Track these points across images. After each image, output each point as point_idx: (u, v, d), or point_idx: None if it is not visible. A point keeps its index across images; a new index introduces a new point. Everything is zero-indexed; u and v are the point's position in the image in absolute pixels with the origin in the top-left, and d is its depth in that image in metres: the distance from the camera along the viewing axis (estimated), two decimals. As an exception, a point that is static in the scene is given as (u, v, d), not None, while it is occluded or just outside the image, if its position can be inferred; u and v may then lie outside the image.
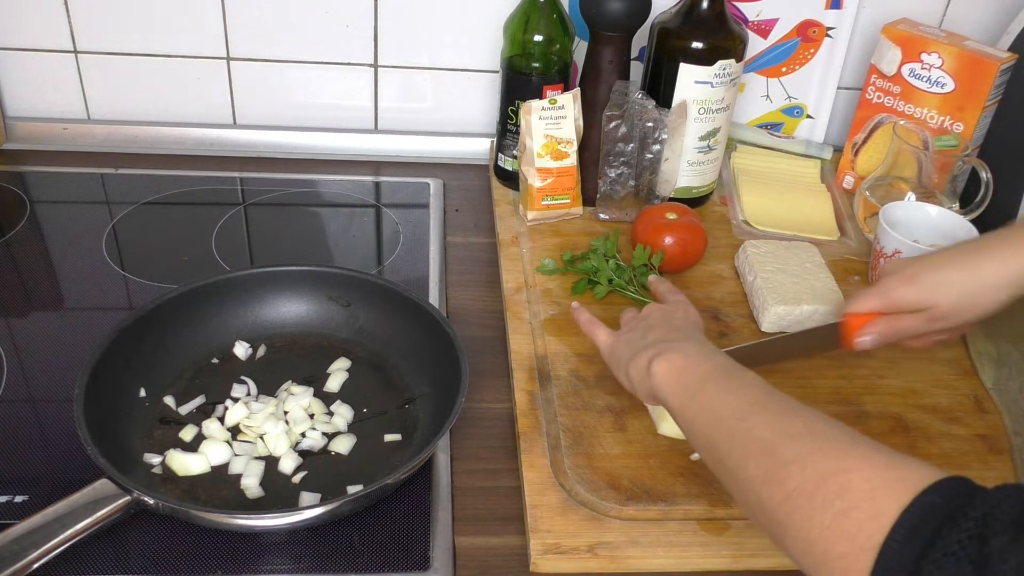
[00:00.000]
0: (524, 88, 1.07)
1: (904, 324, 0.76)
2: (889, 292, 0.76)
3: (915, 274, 0.75)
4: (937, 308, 0.74)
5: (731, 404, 0.59)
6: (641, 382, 0.69)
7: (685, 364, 0.66)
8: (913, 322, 0.76)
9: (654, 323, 0.74)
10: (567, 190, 1.06)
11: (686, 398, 0.64)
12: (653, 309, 0.78)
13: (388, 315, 0.88)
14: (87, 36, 1.17)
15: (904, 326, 0.76)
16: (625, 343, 0.75)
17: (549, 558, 0.70)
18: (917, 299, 0.74)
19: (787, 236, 1.07)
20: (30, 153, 1.19)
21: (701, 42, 1.01)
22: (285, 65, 1.21)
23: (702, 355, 0.66)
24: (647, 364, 0.68)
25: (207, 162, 1.20)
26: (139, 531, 0.70)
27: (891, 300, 0.76)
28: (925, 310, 0.74)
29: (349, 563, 0.70)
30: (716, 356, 0.67)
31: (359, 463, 0.77)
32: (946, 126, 1.10)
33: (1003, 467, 0.80)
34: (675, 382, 0.65)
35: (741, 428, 0.57)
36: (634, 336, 0.74)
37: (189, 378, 0.84)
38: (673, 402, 0.65)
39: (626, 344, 0.74)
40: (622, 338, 0.76)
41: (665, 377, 0.66)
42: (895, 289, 0.75)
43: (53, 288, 0.97)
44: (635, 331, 0.75)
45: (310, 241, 1.07)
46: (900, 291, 0.75)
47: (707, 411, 0.61)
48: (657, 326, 0.73)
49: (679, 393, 0.64)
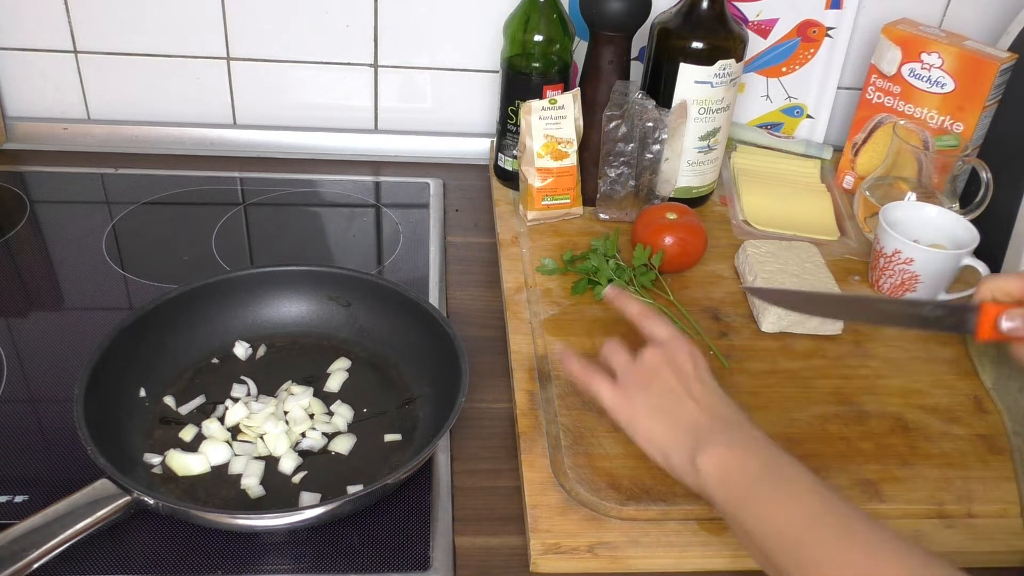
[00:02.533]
0: (524, 88, 1.07)
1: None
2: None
3: None
4: None
5: (788, 519, 0.57)
6: (685, 474, 0.65)
7: (733, 460, 0.62)
8: None
9: (670, 383, 0.68)
10: (567, 190, 1.06)
11: (738, 506, 0.61)
12: (656, 358, 0.70)
13: (388, 315, 0.88)
14: (87, 36, 1.17)
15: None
16: (643, 408, 0.69)
17: (549, 558, 0.70)
18: None
19: (787, 236, 1.07)
20: (30, 153, 1.19)
21: (701, 42, 1.01)
22: (285, 65, 1.21)
23: (748, 446, 0.63)
24: (690, 458, 0.64)
25: (207, 162, 1.20)
26: (139, 531, 0.70)
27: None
28: None
29: (349, 563, 0.70)
30: (761, 446, 0.64)
31: (359, 463, 0.77)
32: (946, 126, 1.10)
33: (1003, 467, 0.80)
34: (726, 486, 0.62)
35: (799, 547, 0.56)
36: (651, 400, 0.68)
37: (189, 378, 0.84)
38: (725, 508, 0.62)
39: (645, 410, 0.68)
40: (635, 399, 0.69)
41: (714, 476, 0.62)
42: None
43: (53, 288, 0.97)
44: (648, 391, 0.69)
45: (310, 241, 1.07)
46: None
47: (763, 523, 0.59)
48: (674, 387, 0.68)
49: (731, 500, 0.61)
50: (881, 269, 0.99)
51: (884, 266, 0.98)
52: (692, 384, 0.68)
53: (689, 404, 0.67)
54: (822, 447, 0.80)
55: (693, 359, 0.70)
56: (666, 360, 0.70)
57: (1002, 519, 0.76)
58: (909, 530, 0.74)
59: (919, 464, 0.79)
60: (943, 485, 0.78)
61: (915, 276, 0.96)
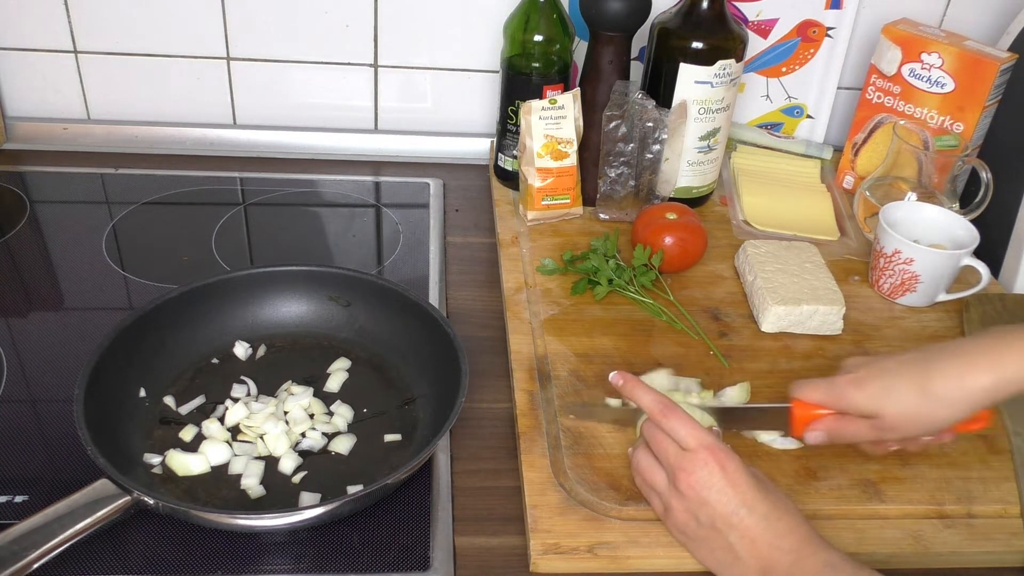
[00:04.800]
0: (524, 88, 1.07)
1: (853, 427, 0.72)
2: (837, 390, 0.72)
3: (865, 378, 0.71)
4: (884, 418, 0.70)
5: None
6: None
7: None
8: (862, 427, 0.71)
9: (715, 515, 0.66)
10: (567, 190, 1.06)
11: None
12: (692, 486, 0.67)
13: (388, 315, 0.88)
14: (87, 36, 1.17)
15: (853, 429, 0.72)
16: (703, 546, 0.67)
17: (549, 558, 0.70)
18: (863, 404, 0.70)
19: (787, 236, 1.07)
20: (30, 153, 1.19)
21: (701, 42, 1.01)
22: (285, 65, 1.21)
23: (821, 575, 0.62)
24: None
25: (207, 162, 1.20)
26: (139, 531, 0.70)
27: (838, 399, 0.72)
28: (873, 418, 0.70)
29: (349, 563, 0.70)
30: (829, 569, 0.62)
31: (359, 463, 0.77)
32: (946, 126, 1.10)
33: (1003, 467, 0.80)
34: None
35: None
36: (702, 532, 0.67)
37: (189, 378, 0.84)
38: None
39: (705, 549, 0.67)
40: (686, 529, 0.68)
41: None
42: (843, 389, 0.71)
43: (53, 288, 0.97)
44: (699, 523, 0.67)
45: (310, 241, 1.07)
46: (848, 392, 0.71)
47: None
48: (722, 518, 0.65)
49: None
50: (881, 269, 0.99)
51: (884, 266, 0.98)
52: (741, 513, 0.65)
53: (745, 545, 0.65)
54: (822, 447, 0.80)
55: (724, 469, 0.66)
56: (704, 484, 0.66)
57: (1002, 519, 0.76)
58: (909, 530, 0.74)
59: (919, 464, 0.79)
60: (943, 485, 0.78)
61: (915, 276, 0.96)
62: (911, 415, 0.69)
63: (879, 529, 0.74)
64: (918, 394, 0.69)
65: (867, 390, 0.70)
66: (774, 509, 0.65)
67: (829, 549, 0.64)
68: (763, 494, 0.66)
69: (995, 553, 0.74)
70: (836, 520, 0.74)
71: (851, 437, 0.73)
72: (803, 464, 0.78)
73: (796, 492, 0.76)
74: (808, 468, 0.78)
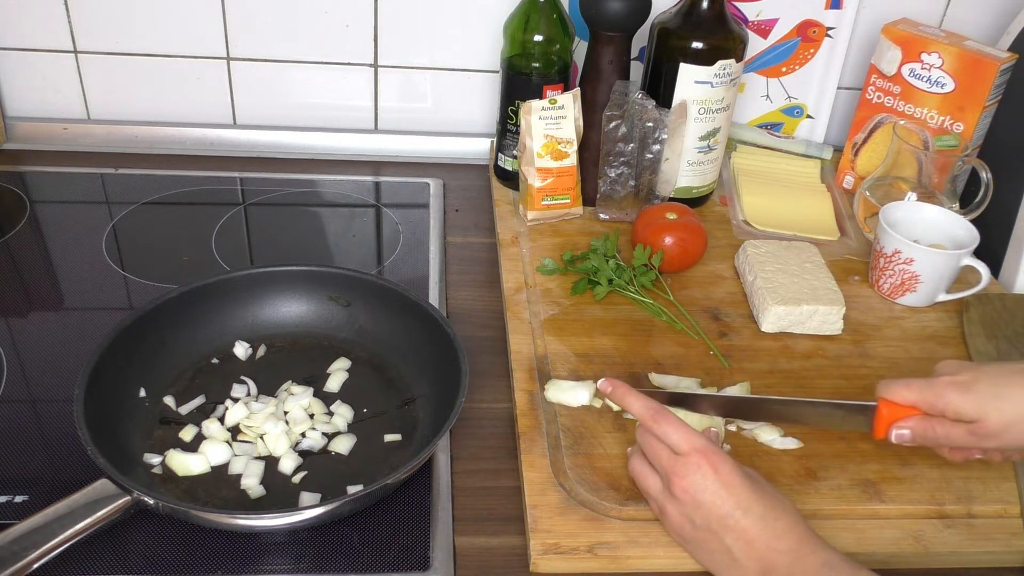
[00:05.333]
0: (524, 88, 1.07)
1: (945, 431, 0.69)
2: (936, 391, 0.69)
3: (971, 381, 0.68)
4: (986, 424, 0.67)
5: None
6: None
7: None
8: (956, 432, 0.68)
9: (713, 524, 0.66)
10: (567, 190, 1.06)
11: None
12: (686, 490, 0.67)
13: (388, 315, 0.88)
14: (87, 36, 1.17)
15: (945, 433, 0.69)
16: (702, 549, 0.67)
17: (549, 558, 0.70)
18: (967, 409, 0.67)
19: (787, 236, 1.07)
20: (30, 153, 1.19)
21: (701, 42, 1.01)
22: (285, 65, 1.21)
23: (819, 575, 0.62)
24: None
25: (207, 162, 1.20)
26: (139, 531, 0.70)
27: (938, 402, 0.69)
28: (972, 422, 0.68)
29: (349, 563, 0.70)
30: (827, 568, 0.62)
31: (359, 463, 0.77)
32: (946, 126, 1.10)
33: (1003, 467, 0.80)
34: None
35: None
36: (699, 535, 0.67)
37: (189, 378, 0.84)
38: None
39: (704, 552, 0.67)
40: (683, 530, 0.68)
41: None
42: (944, 389, 0.68)
43: (53, 288, 0.97)
44: (695, 526, 0.67)
45: (310, 241, 1.07)
46: (950, 396, 0.68)
47: None
48: (717, 521, 0.65)
49: None
50: (881, 269, 0.99)
51: (884, 266, 0.98)
52: (736, 515, 0.65)
53: (742, 547, 0.65)
54: (822, 447, 0.80)
55: (717, 472, 0.66)
56: (698, 487, 0.66)
57: (1002, 519, 0.76)
58: (909, 530, 0.74)
59: (919, 464, 0.79)
60: (943, 485, 0.78)
61: (915, 276, 0.96)
62: (1017, 423, 0.67)
63: (879, 529, 0.74)
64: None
65: (972, 393, 0.67)
66: (771, 510, 0.65)
67: (827, 548, 0.64)
68: (758, 495, 0.66)
69: (995, 553, 0.74)
70: (836, 520, 0.74)
71: (942, 440, 0.70)
72: (803, 464, 0.78)
73: (796, 492, 0.76)
74: (808, 468, 0.78)
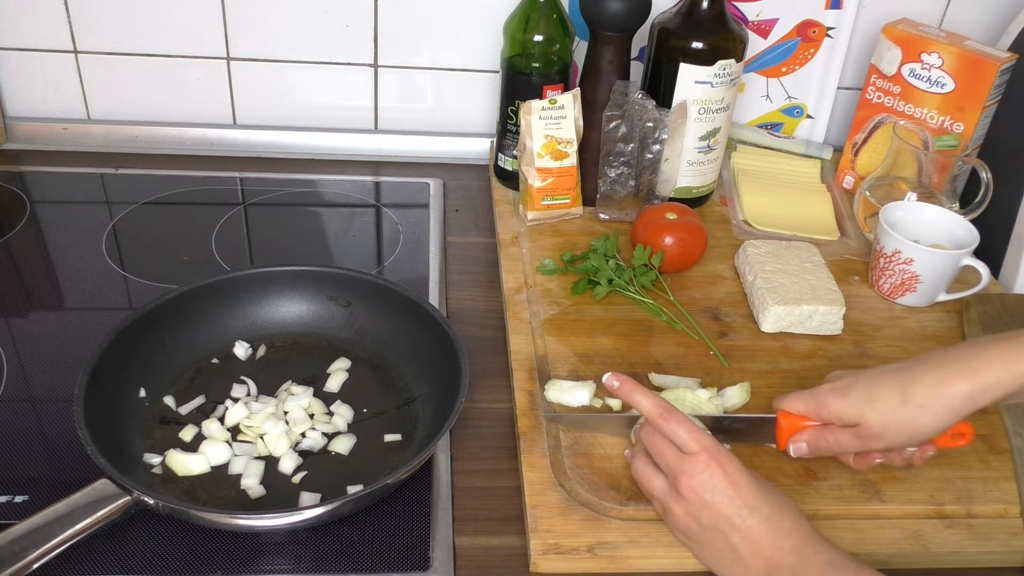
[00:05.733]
0: (524, 88, 1.07)
1: (836, 438, 0.72)
2: (819, 398, 0.73)
3: (848, 386, 0.72)
4: (867, 425, 0.70)
5: None
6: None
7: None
8: (845, 437, 0.72)
9: (720, 523, 0.66)
10: (567, 190, 1.06)
11: None
12: (693, 491, 0.67)
13: (388, 315, 0.88)
14: (87, 36, 1.17)
15: (836, 439, 0.73)
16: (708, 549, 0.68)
17: (549, 558, 0.70)
18: (845, 411, 0.71)
19: (787, 236, 1.07)
20: (30, 153, 1.19)
21: (701, 42, 1.01)
22: (285, 65, 1.21)
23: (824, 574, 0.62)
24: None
25: (207, 162, 1.20)
26: (139, 531, 0.70)
27: (819, 407, 0.73)
28: (855, 425, 0.71)
29: (349, 563, 0.70)
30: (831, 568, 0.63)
31: (359, 463, 0.77)
32: (946, 126, 1.10)
33: (1003, 467, 0.80)
34: None
35: None
36: (707, 536, 0.67)
37: (189, 378, 0.84)
38: None
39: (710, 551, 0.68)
40: (689, 531, 0.68)
41: None
42: (825, 396, 0.73)
43: (53, 288, 0.97)
44: (702, 527, 0.67)
45: (310, 241, 1.07)
46: (829, 399, 0.72)
47: None
48: (726, 521, 0.66)
49: None
50: (881, 269, 0.99)
51: (884, 266, 0.98)
52: (743, 514, 0.65)
53: (748, 546, 0.65)
54: (822, 447, 0.80)
55: (725, 471, 0.66)
56: (705, 486, 0.67)
57: (1002, 519, 0.76)
58: (909, 530, 0.74)
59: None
60: (943, 485, 0.78)
61: (915, 276, 0.96)
62: (893, 422, 0.70)
63: (879, 529, 0.74)
64: (899, 400, 0.69)
65: (849, 397, 0.71)
66: (776, 510, 0.66)
67: (831, 548, 0.64)
68: (764, 495, 0.66)
69: (995, 553, 0.74)
70: (836, 520, 0.74)
71: (834, 447, 0.73)
72: (803, 464, 0.78)
73: (796, 492, 0.76)
74: (808, 468, 0.78)
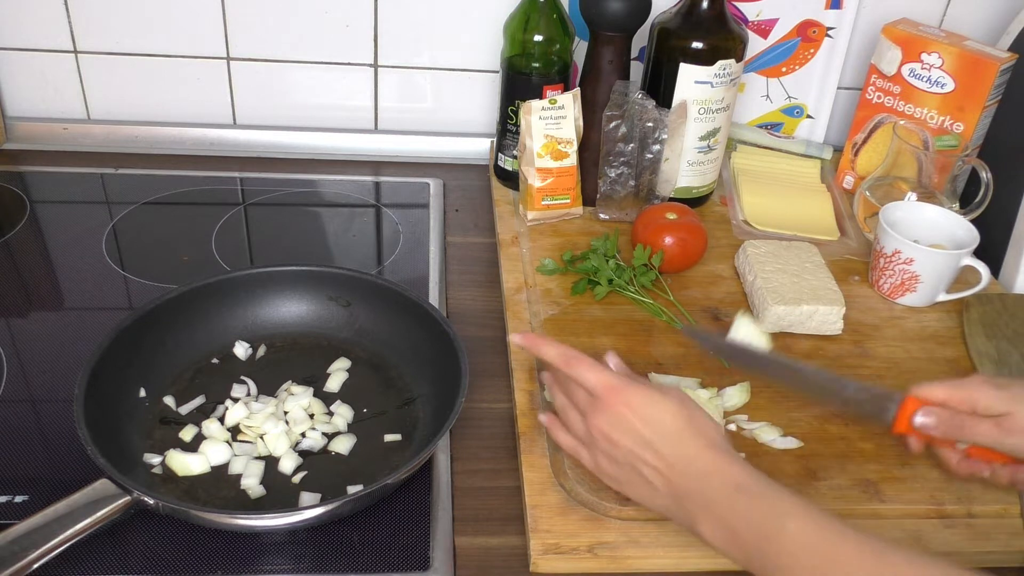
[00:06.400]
0: (524, 88, 1.07)
1: (972, 424, 0.69)
2: (971, 387, 0.69)
3: (1008, 383, 0.69)
4: (1013, 417, 0.67)
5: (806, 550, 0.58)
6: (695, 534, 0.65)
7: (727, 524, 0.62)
8: (983, 426, 0.68)
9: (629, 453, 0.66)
10: (567, 190, 1.06)
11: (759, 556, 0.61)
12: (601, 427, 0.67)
13: (388, 315, 0.88)
14: (87, 36, 1.17)
15: (971, 426, 0.69)
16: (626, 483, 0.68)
17: (549, 558, 0.70)
18: (998, 403, 0.68)
19: (787, 236, 1.07)
20: (30, 153, 1.19)
21: (701, 42, 1.01)
22: (285, 65, 1.21)
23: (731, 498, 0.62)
24: (691, 527, 0.64)
25: (207, 162, 1.20)
26: (139, 531, 0.70)
27: (969, 396, 0.69)
28: (1000, 416, 0.68)
29: (349, 563, 0.70)
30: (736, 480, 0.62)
31: (359, 463, 0.77)
32: (946, 126, 1.10)
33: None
34: (733, 550, 0.62)
35: None
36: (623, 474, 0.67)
37: (189, 378, 0.84)
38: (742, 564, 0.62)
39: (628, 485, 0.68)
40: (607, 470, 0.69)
41: (722, 546, 0.62)
42: (980, 386, 0.69)
43: (53, 288, 0.97)
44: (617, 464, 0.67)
45: (310, 241, 1.07)
46: (984, 389, 0.69)
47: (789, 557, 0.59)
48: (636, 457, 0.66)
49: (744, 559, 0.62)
50: (881, 269, 0.99)
51: (884, 266, 0.98)
52: (649, 446, 0.65)
53: (657, 476, 0.65)
54: (822, 447, 0.80)
55: (629, 406, 0.66)
56: (611, 425, 0.67)
57: (1002, 519, 0.76)
58: (909, 530, 0.74)
59: (919, 464, 0.79)
60: (943, 485, 0.78)
61: (915, 276, 0.96)
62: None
63: (879, 529, 0.74)
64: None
65: (1006, 390, 0.68)
66: (685, 435, 0.65)
67: (741, 469, 0.63)
68: (675, 421, 0.65)
69: (995, 553, 0.74)
70: (836, 520, 0.74)
71: (966, 432, 0.69)
72: (803, 464, 0.78)
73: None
74: (808, 468, 0.78)
